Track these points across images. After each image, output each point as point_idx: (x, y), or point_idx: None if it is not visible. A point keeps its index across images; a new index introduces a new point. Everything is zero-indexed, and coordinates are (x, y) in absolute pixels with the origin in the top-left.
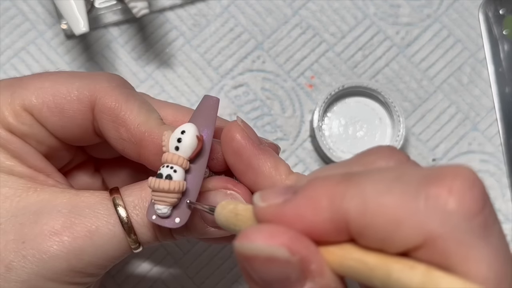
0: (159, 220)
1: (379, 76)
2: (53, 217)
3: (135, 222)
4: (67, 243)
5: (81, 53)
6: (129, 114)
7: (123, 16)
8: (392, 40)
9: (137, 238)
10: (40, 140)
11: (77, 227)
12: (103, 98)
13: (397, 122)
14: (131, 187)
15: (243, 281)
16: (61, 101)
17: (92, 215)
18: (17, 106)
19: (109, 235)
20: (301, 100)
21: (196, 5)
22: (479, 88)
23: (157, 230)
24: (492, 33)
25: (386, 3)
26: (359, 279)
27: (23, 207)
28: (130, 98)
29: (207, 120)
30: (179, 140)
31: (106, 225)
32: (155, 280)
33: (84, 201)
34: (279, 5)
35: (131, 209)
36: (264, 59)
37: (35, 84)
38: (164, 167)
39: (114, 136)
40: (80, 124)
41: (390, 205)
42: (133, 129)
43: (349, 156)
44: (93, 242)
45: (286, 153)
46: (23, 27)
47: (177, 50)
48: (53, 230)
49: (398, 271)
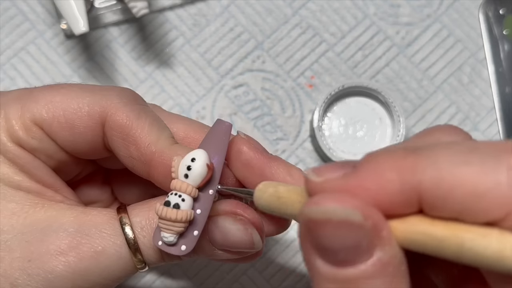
0: (165, 247)
1: (379, 76)
2: (60, 236)
3: (142, 244)
4: (73, 264)
5: (81, 53)
6: (139, 132)
7: (123, 16)
8: (392, 40)
9: (143, 259)
10: (49, 155)
11: (84, 247)
12: (114, 114)
13: (397, 122)
14: (139, 206)
15: (243, 281)
16: (71, 116)
17: (99, 235)
18: (28, 120)
19: (115, 256)
20: (301, 100)
21: (196, 5)
22: (479, 88)
23: (164, 254)
24: (492, 33)
25: (386, 3)
26: (427, 251)
27: (30, 224)
28: (142, 115)
29: (219, 147)
30: (189, 168)
31: (113, 246)
32: (154, 281)
33: (91, 220)
34: (279, 5)
35: (138, 231)
36: (264, 59)
37: (46, 98)
38: (172, 195)
39: (124, 153)
40: (90, 139)
41: (469, 176)
42: (143, 149)
43: (349, 156)
44: (99, 263)
45: (286, 153)
46: (23, 27)
47: (177, 50)
48: (59, 250)
49: (470, 240)
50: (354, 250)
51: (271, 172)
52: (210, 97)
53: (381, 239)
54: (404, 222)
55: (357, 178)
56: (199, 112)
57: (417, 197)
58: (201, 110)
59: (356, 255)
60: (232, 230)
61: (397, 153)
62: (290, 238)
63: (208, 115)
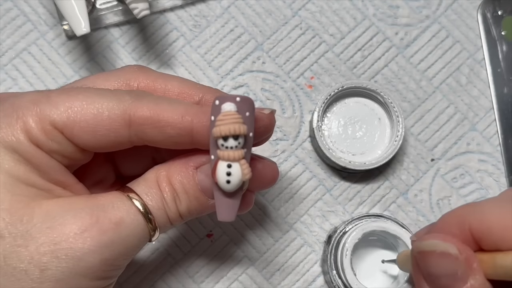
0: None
1: (378, 77)
2: (79, 216)
3: (151, 207)
4: (97, 237)
5: (82, 54)
6: (166, 113)
7: (124, 17)
8: (391, 40)
9: (155, 224)
10: (66, 155)
11: (104, 221)
12: (137, 112)
13: (396, 122)
14: (136, 181)
15: (243, 280)
16: (92, 121)
17: (114, 209)
18: (48, 125)
19: (133, 224)
20: (300, 101)
21: (196, 6)
22: (477, 89)
23: (168, 209)
24: (490, 34)
25: (385, 4)
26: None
27: (46, 213)
28: (158, 101)
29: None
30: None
31: (129, 215)
32: (156, 280)
33: (102, 200)
34: (279, 6)
35: (144, 197)
36: (264, 59)
37: (65, 104)
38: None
39: (162, 138)
40: (113, 139)
41: (499, 215)
42: (179, 123)
43: (348, 156)
44: (121, 233)
45: (286, 153)
46: (25, 28)
47: (177, 51)
48: (82, 228)
49: None
50: (453, 277)
51: None
52: None
53: (473, 270)
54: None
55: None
56: None
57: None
58: None
59: (454, 281)
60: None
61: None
62: (290, 238)
63: None
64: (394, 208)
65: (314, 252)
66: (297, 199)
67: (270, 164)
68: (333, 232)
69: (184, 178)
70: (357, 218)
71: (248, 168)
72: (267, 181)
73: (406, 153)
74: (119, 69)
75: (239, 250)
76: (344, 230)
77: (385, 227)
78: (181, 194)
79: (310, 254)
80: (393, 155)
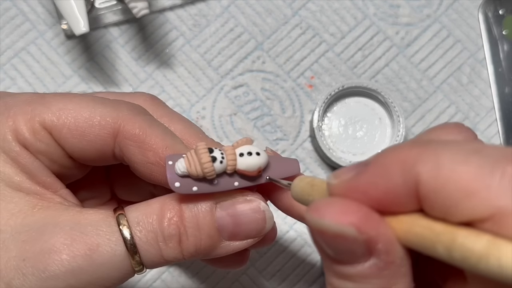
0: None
1: (379, 76)
2: (54, 234)
3: (138, 239)
4: (65, 262)
5: (81, 53)
6: (154, 138)
7: (123, 16)
8: (391, 40)
9: (140, 258)
10: (54, 159)
11: (77, 245)
12: (127, 125)
13: (397, 122)
14: (137, 205)
15: (243, 280)
16: (82, 124)
17: (94, 232)
18: (37, 124)
19: (109, 254)
20: (301, 100)
21: (196, 5)
22: (478, 88)
23: (163, 245)
24: (491, 33)
25: (386, 3)
26: (423, 247)
27: (27, 223)
28: (153, 124)
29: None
30: (250, 153)
31: (108, 243)
32: (155, 280)
33: (87, 218)
34: (279, 6)
35: (135, 225)
36: (264, 59)
37: (58, 105)
38: (218, 151)
39: (141, 160)
40: (99, 148)
41: (464, 174)
42: (162, 152)
43: (349, 156)
44: (93, 261)
45: (286, 153)
46: (24, 27)
47: (177, 50)
48: (53, 248)
49: (463, 236)
50: (350, 255)
51: None
52: (210, 97)
53: (377, 250)
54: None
55: (367, 174)
56: (199, 112)
57: (416, 189)
58: (201, 111)
59: (352, 258)
60: (244, 211)
61: (405, 146)
62: (290, 239)
63: (208, 115)
64: None
65: (315, 252)
66: None
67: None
68: None
69: (201, 211)
70: None
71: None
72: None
73: None
74: (132, 94)
75: None
76: None
77: None
78: (192, 229)
79: (310, 255)
80: None
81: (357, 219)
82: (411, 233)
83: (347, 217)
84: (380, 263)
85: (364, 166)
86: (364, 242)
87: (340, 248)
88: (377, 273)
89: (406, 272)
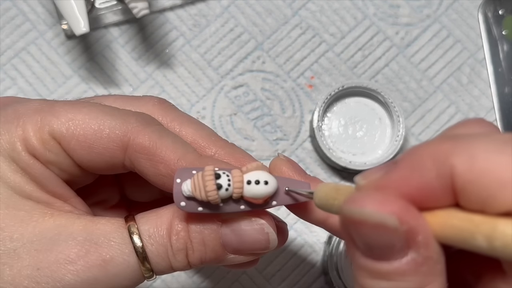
0: (179, 192)
1: (379, 76)
2: (69, 245)
3: (150, 252)
4: (81, 273)
5: (82, 53)
6: (165, 150)
7: (124, 17)
8: (391, 40)
9: (151, 268)
10: (63, 168)
11: (92, 256)
12: (137, 138)
13: (397, 122)
14: (147, 215)
15: (243, 280)
16: (91, 137)
17: (107, 244)
18: (46, 134)
19: (123, 265)
20: (301, 100)
21: (196, 5)
22: (478, 88)
23: (172, 258)
24: (491, 34)
25: (386, 4)
26: (461, 240)
27: (39, 232)
28: (163, 134)
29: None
30: (257, 182)
31: (121, 254)
32: (156, 280)
33: (100, 229)
34: (279, 6)
35: (146, 239)
36: (264, 59)
37: (67, 115)
38: (225, 176)
39: (153, 173)
40: (108, 160)
41: (499, 164)
42: (173, 165)
43: (349, 156)
44: (107, 272)
45: (286, 153)
46: (24, 28)
47: (177, 51)
48: (68, 259)
49: (504, 224)
50: (389, 249)
51: None
52: (210, 97)
53: (416, 243)
54: (446, 211)
55: (398, 172)
56: (199, 112)
57: (451, 182)
58: (201, 111)
59: (390, 253)
60: (248, 231)
61: (436, 141)
62: (290, 238)
63: (208, 115)
64: None
65: (315, 252)
66: None
67: (282, 228)
68: None
69: (206, 228)
70: None
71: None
72: (278, 245)
73: None
74: (140, 98)
75: None
76: None
77: None
78: (197, 245)
79: (310, 255)
80: (394, 155)
81: (397, 209)
82: (448, 226)
83: (388, 207)
84: (418, 258)
85: (393, 164)
86: (405, 233)
87: (378, 241)
88: (414, 270)
89: (442, 270)
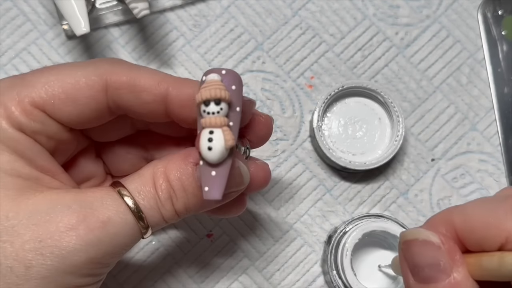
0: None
1: (379, 77)
2: (66, 213)
3: (143, 206)
4: (84, 236)
5: (82, 54)
6: (143, 79)
7: (124, 17)
8: (391, 40)
9: (146, 223)
10: (50, 135)
11: (91, 219)
12: (113, 77)
13: (397, 122)
14: (130, 177)
15: (243, 280)
16: (71, 91)
17: (102, 207)
18: (27, 105)
19: (121, 223)
20: (301, 100)
21: (196, 5)
22: (478, 88)
23: (162, 208)
24: (491, 34)
25: (386, 4)
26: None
27: (33, 208)
28: (136, 67)
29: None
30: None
31: (117, 214)
32: (156, 280)
33: (91, 196)
34: (279, 6)
35: (137, 195)
36: (264, 59)
37: (41, 80)
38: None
39: (137, 104)
40: (94, 107)
41: (481, 214)
42: (155, 89)
43: (349, 156)
44: (108, 232)
45: (286, 153)
46: (24, 28)
47: (177, 51)
48: (69, 226)
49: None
50: (436, 267)
51: None
52: None
53: (455, 262)
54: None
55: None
56: None
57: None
58: None
59: (438, 273)
60: None
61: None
62: (290, 238)
63: None
64: (395, 208)
65: (314, 252)
66: (297, 199)
67: (262, 165)
68: (333, 232)
69: (183, 174)
70: (358, 218)
71: (230, 134)
72: (259, 183)
73: (407, 153)
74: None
75: (239, 250)
76: (344, 230)
77: (386, 227)
78: (179, 191)
79: (310, 254)
80: (394, 155)
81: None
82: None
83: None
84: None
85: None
86: (447, 250)
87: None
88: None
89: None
